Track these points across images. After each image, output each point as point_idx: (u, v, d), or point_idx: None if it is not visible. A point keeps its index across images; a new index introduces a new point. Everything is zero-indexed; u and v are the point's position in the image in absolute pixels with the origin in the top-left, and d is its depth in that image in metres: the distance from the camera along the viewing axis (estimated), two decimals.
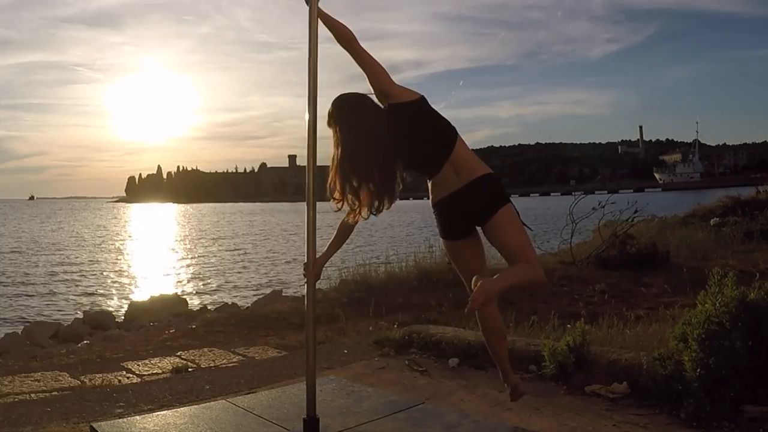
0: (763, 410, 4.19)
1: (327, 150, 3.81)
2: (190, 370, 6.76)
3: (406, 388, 5.34)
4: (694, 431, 4.16)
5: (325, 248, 3.91)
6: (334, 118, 3.71)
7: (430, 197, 3.79)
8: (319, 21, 3.73)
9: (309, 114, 3.79)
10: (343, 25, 3.68)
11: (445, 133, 3.71)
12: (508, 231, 3.63)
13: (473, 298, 3.29)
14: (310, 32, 3.79)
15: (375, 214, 3.78)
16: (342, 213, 3.80)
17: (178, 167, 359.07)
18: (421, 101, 3.71)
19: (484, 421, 4.28)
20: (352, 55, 3.67)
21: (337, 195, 3.69)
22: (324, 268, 3.98)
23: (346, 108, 3.72)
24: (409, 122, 3.65)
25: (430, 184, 3.77)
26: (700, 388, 4.29)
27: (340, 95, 3.79)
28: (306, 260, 3.86)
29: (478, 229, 3.80)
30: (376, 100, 3.73)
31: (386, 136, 3.65)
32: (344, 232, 3.89)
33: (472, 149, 3.79)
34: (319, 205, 3.84)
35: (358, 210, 3.70)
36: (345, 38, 3.66)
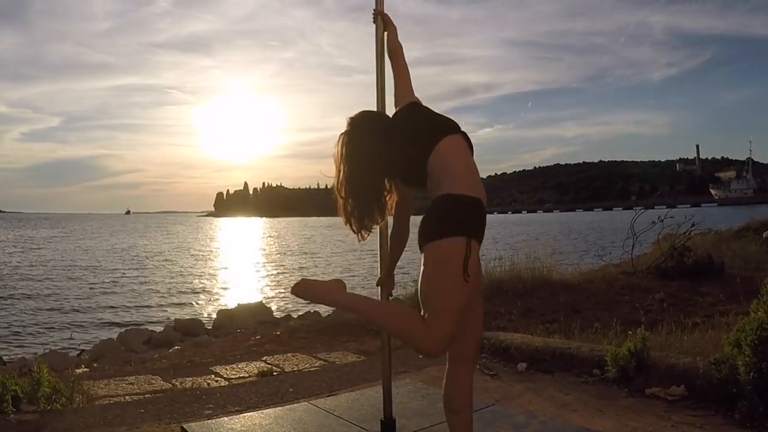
0: None
1: None
2: (275, 373, 6.79)
3: (478, 390, 5.27)
4: (748, 431, 4.13)
5: (389, 258, 3.65)
6: (356, 135, 3.14)
7: None
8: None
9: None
10: (400, 44, 3.65)
11: (425, 140, 2.91)
12: (423, 272, 2.68)
13: (297, 284, 2.87)
14: (377, 51, 3.82)
15: (364, 236, 3.19)
16: (413, 227, 3.23)
17: (264, 183, 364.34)
18: (414, 104, 3.27)
19: (550, 421, 4.28)
20: (393, 65, 3.58)
21: (349, 219, 3.16)
22: (396, 276, 3.81)
23: (371, 131, 3.12)
24: (402, 129, 3.07)
25: None
26: (753, 391, 4.25)
27: (364, 116, 3.26)
28: (379, 271, 3.87)
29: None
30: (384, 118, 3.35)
31: (380, 159, 3.03)
32: (396, 244, 3.52)
33: (540, 167, 3.22)
34: (390, 219, 3.81)
35: (365, 230, 3.16)
36: (393, 50, 3.62)
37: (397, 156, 2.99)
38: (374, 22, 3.82)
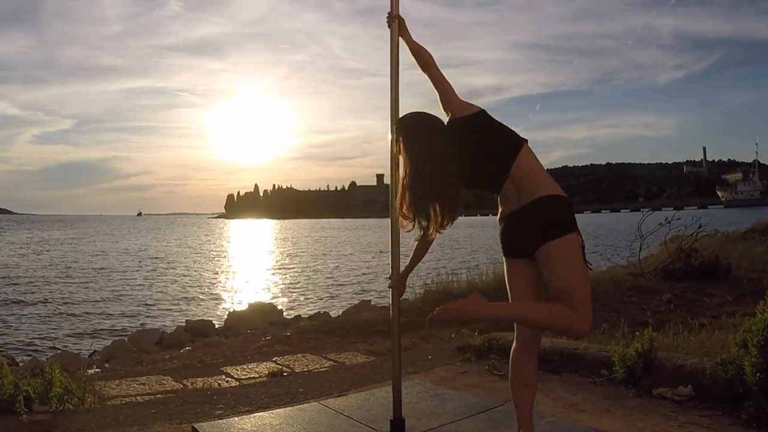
0: None
1: None
2: (285, 374, 6.81)
3: (486, 391, 5.30)
4: (754, 431, 4.13)
5: (408, 262, 3.80)
6: (401, 138, 3.48)
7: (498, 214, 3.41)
8: (404, 45, 3.76)
9: (392, 135, 3.81)
10: (424, 48, 3.62)
11: (503, 149, 3.25)
12: (558, 266, 2.99)
13: (440, 309, 2.94)
14: (392, 56, 3.82)
15: (440, 232, 3.43)
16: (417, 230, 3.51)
17: (274, 185, 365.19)
18: (480, 114, 3.38)
19: (558, 421, 4.27)
20: (429, 77, 3.57)
21: (406, 215, 3.39)
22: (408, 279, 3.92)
23: (413, 127, 3.47)
24: (467, 137, 3.31)
25: (498, 201, 3.39)
26: (759, 391, 4.25)
27: (406, 115, 3.61)
28: (391, 272, 3.90)
29: None
30: (441, 119, 3.51)
31: (451, 155, 3.30)
32: (423, 247, 3.65)
33: (548, 169, 3.36)
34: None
35: (428, 229, 3.38)
36: (424, 61, 3.58)
37: (471, 158, 3.29)
38: (389, 26, 3.82)
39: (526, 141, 3.28)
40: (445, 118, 3.44)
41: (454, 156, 3.30)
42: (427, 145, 3.35)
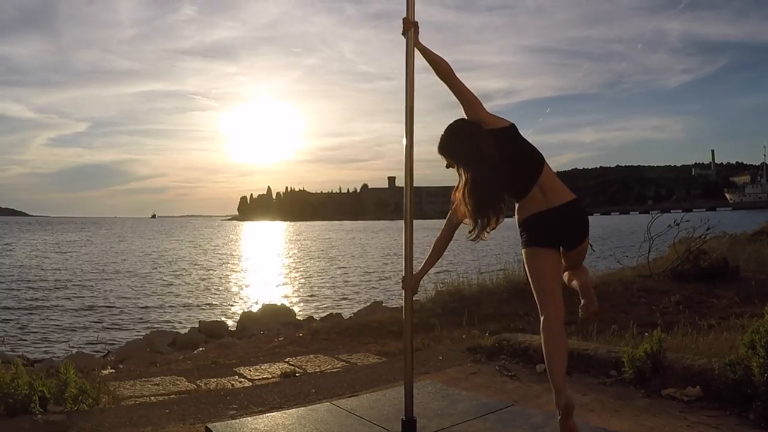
0: None
1: (423, 172, 3.88)
2: (297, 374, 6.82)
3: (497, 391, 5.31)
4: (762, 431, 4.15)
5: (423, 264, 3.93)
6: (450, 146, 3.70)
7: (517, 216, 3.81)
8: (419, 53, 3.78)
9: (406, 139, 3.81)
10: (441, 58, 3.70)
11: (535, 158, 3.73)
12: (584, 252, 3.97)
13: (595, 306, 4.07)
14: (407, 62, 3.82)
15: (489, 233, 3.78)
16: (436, 231, 3.93)
17: (286, 188, 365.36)
18: (513, 127, 3.73)
19: None
20: (449, 87, 3.69)
21: (470, 220, 3.71)
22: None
23: (465, 136, 3.67)
24: (503, 148, 3.64)
25: (517, 206, 3.79)
26: (767, 392, 4.26)
27: (454, 124, 3.75)
28: (404, 274, 3.90)
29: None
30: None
31: (498, 162, 3.63)
32: (440, 248, 3.92)
33: (557, 171, 3.80)
34: (415, 222, 3.89)
35: (486, 231, 3.73)
36: (443, 71, 3.69)
37: (511, 163, 3.68)
38: (404, 35, 3.82)
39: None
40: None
41: (502, 162, 3.65)
42: (480, 152, 3.63)
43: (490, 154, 3.60)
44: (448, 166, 3.78)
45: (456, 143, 3.68)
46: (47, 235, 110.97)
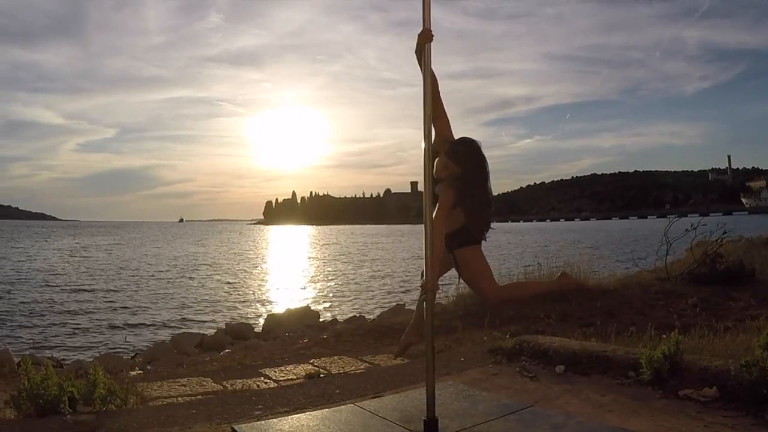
0: None
1: None
2: (321, 376, 6.81)
3: (518, 392, 5.28)
4: None
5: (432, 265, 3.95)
6: (460, 156, 4.06)
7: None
8: (433, 56, 3.81)
9: (425, 143, 3.80)
10: (435, 77, 3.90)
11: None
12: None
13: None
14: (424, 71, 3.81)
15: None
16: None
17: (311, 192, 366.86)
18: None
19: (587, 422, 4.24)
20: (433, 102, 3.80)
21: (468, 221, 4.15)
22: (440, 284, 4.10)
23: (472, 150, 4.11)
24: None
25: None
26: None
27: (462, 138, 4.15)
28: (425, 275, 3.89)
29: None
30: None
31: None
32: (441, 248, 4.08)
33: (577, 177, 4.10)
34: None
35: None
36: (435, 87, 3.88)
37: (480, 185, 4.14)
38: (422, 47, 3.83)
39: None
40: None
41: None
42: (482, 165, 4.15)
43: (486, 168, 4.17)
44: (437, 174, 3.99)
45: (466, 152, 4.10)
46: (77, 239, 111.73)
